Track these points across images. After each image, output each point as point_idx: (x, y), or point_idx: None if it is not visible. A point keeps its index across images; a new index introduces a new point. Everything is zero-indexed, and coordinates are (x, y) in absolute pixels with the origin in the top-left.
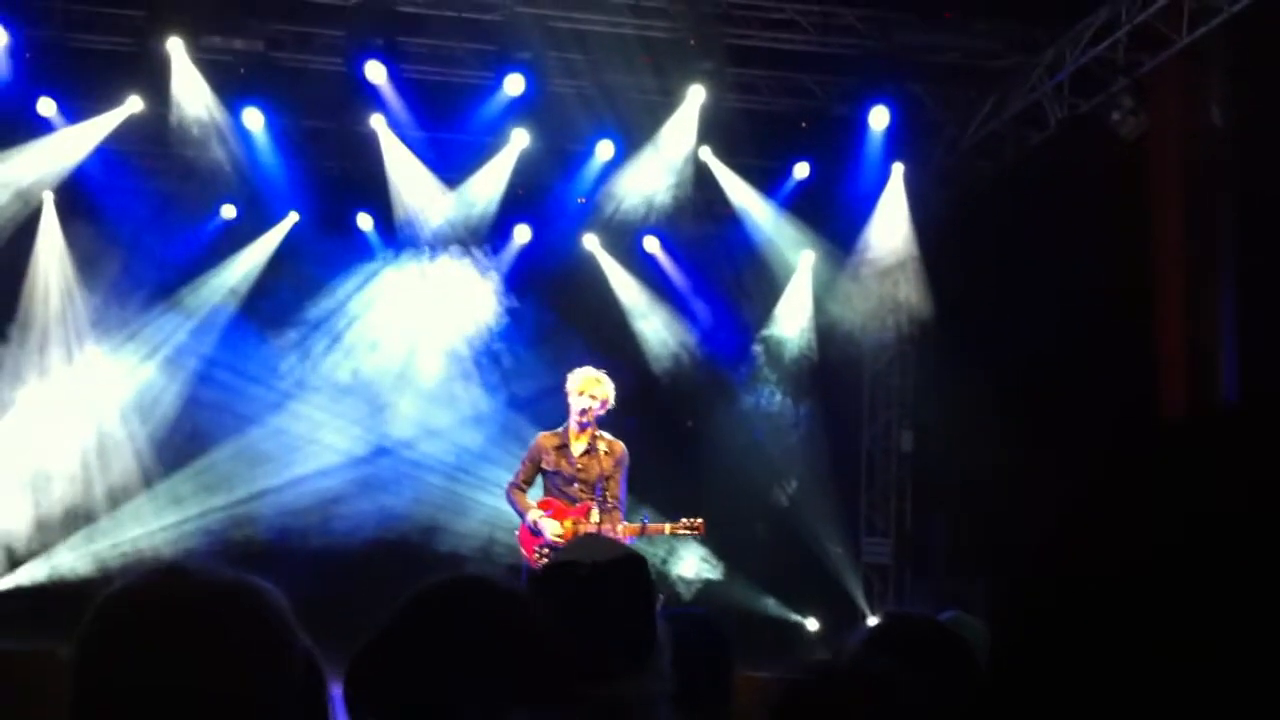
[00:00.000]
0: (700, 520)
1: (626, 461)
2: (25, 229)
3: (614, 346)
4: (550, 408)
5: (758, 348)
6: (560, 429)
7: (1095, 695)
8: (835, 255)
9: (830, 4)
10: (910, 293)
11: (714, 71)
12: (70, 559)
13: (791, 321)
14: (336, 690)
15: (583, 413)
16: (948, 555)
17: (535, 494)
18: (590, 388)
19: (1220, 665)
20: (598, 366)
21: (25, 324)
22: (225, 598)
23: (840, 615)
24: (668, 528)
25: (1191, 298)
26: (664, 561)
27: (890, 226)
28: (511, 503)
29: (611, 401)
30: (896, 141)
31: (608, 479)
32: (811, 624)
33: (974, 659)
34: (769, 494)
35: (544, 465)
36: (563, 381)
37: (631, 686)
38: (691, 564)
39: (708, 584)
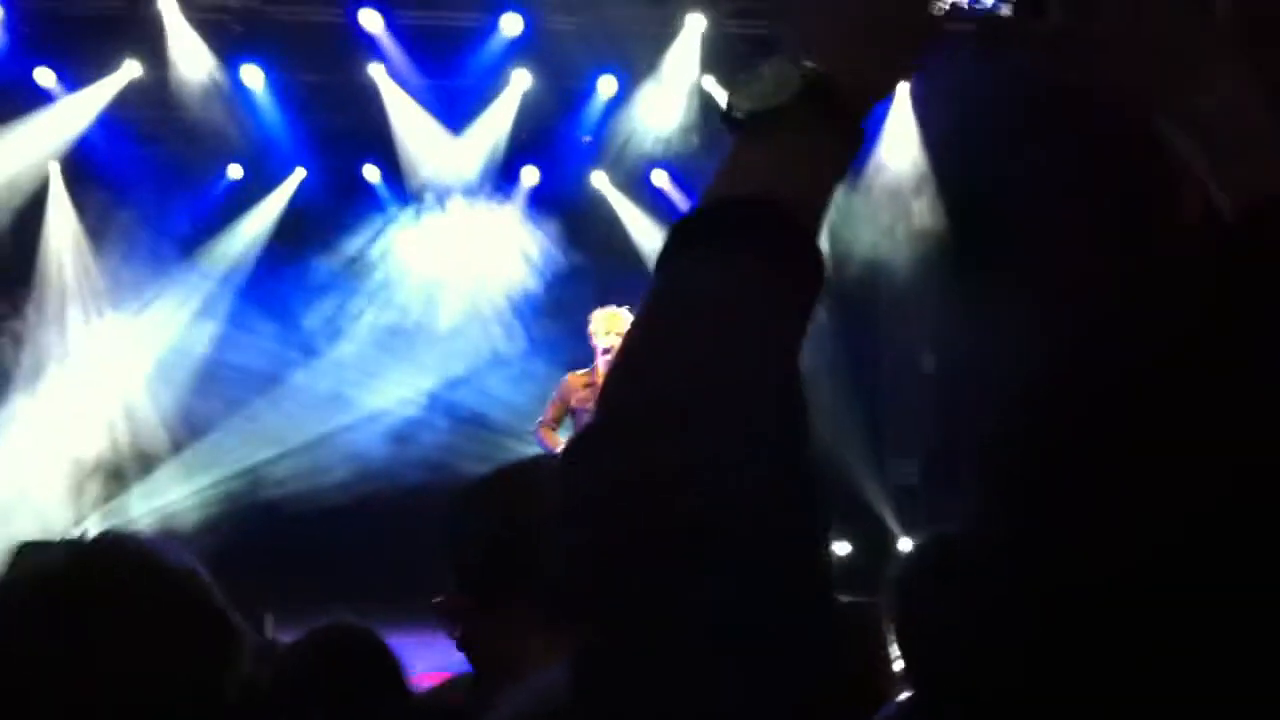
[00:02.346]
0: None
1: None
2: (34, 201)
3: (630, 284)
4: (570, 349)
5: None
6: (588, 369)
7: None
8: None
9: None
10: (924, 211)
11: None
12: (101, 528)
13: None
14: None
15: (607, 351)
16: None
17: (565, 436)
18: (615, 325)
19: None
20: (617, 304)
21: (41, 296)
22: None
23: (871, 538)
24: None
25: None
26: None
27: (900, 143)
28: (540, 442)
29: None
30: None
31: None
32: (842, 547)
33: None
34: None
35: (573, 403)
36: (583, 323)
37: None
38: None
39: None
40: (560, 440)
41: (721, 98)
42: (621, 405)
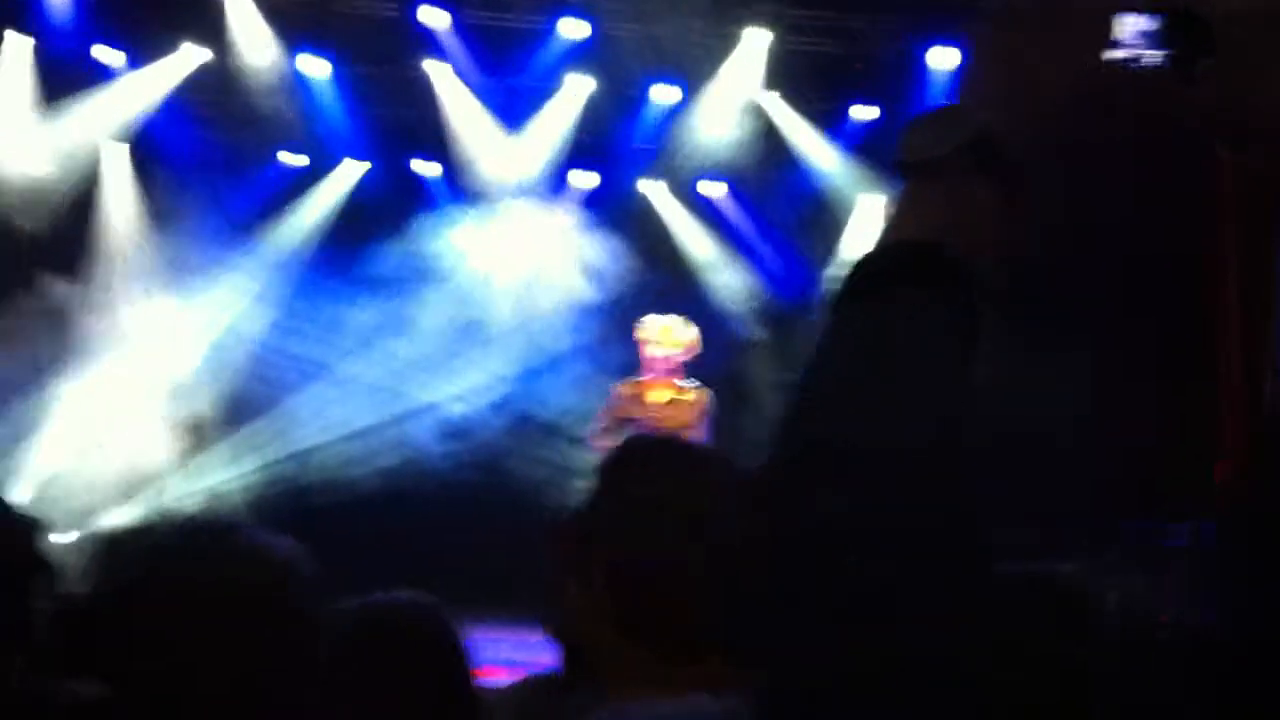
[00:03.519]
0: None
1: (712, 411)
2: (92, 178)
3: (680, 291)
4: (620, 353)
5: (822, 291)
6: (638, 378)
7: None
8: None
9: None
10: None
11: (775, 14)
12: (153, 506)
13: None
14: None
15: (655, 360)
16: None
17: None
18: (663, 336)
19: None
20: (665, 311)
21: (95, 276)
22: (238, 561)
23: None
24: None
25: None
26: None
27: None
28: (595, 450)
29: (694, 347)
30: (960, 81)
31: (688, 430)
32: None
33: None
34: None
35: (622, 414)
36: (630, 328)
37: None
38: None
39: None
40: None
41: (777, 110)
42: (798, 446)
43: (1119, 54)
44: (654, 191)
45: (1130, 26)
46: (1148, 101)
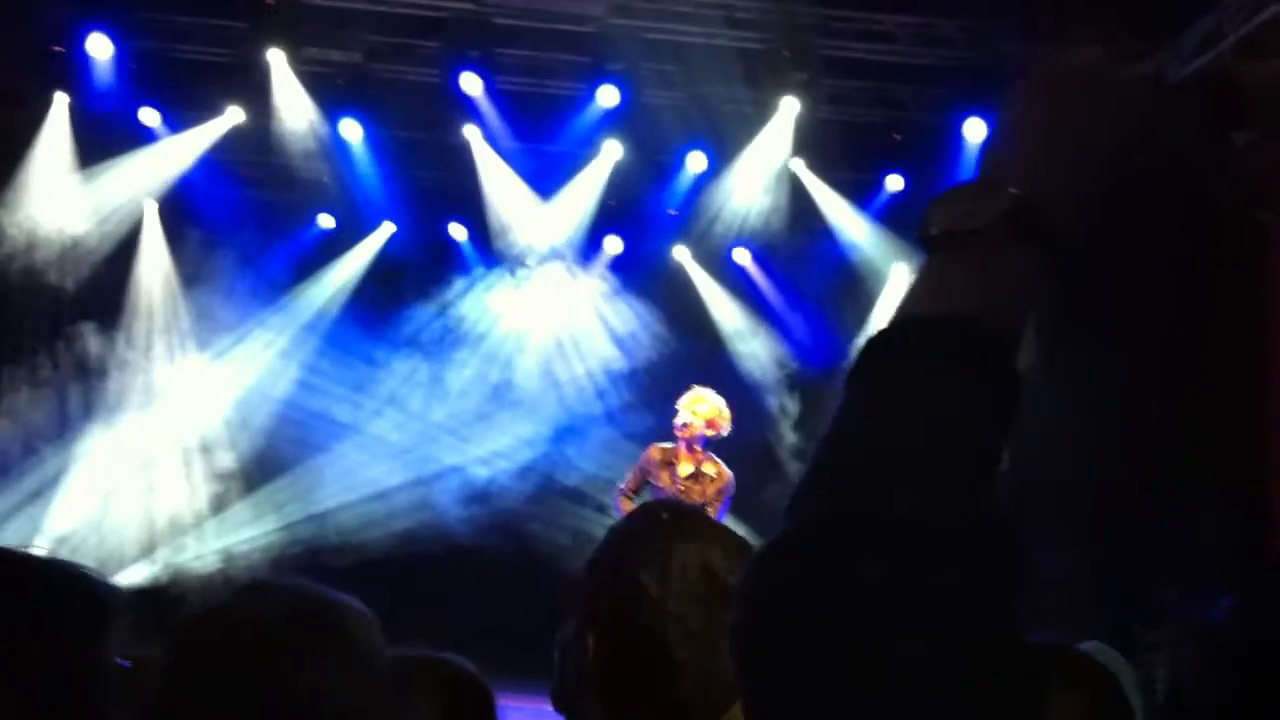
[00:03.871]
0: None
1: (730, 491)
2: (129, 237)
3: (706, 358)
4: (646, 420)
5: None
6: (671, 444)
7: None
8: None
9: (928, 15)
10: None
11: (808, 83)
12: (172, 564)
13: None
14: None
15: (682, 427)
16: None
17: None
18: (692, 405)
19: None
20: (693, 378)
21: (129, 331)
22: (307, 616)
23: None
24: None
25: None
26: None
27: None
28: (618, 510)
29: (721, 426)
30: None
31: (707, 506)
32: None
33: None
34: None
35: (649, 479)
36: (659, 393)
37: None
38: None
39: None
40: None
41: (809, 180)
42: (813, 519)
43: (1157, 130)
44: (683, 257)
45: (1165, 103)
46: (1186, 172)
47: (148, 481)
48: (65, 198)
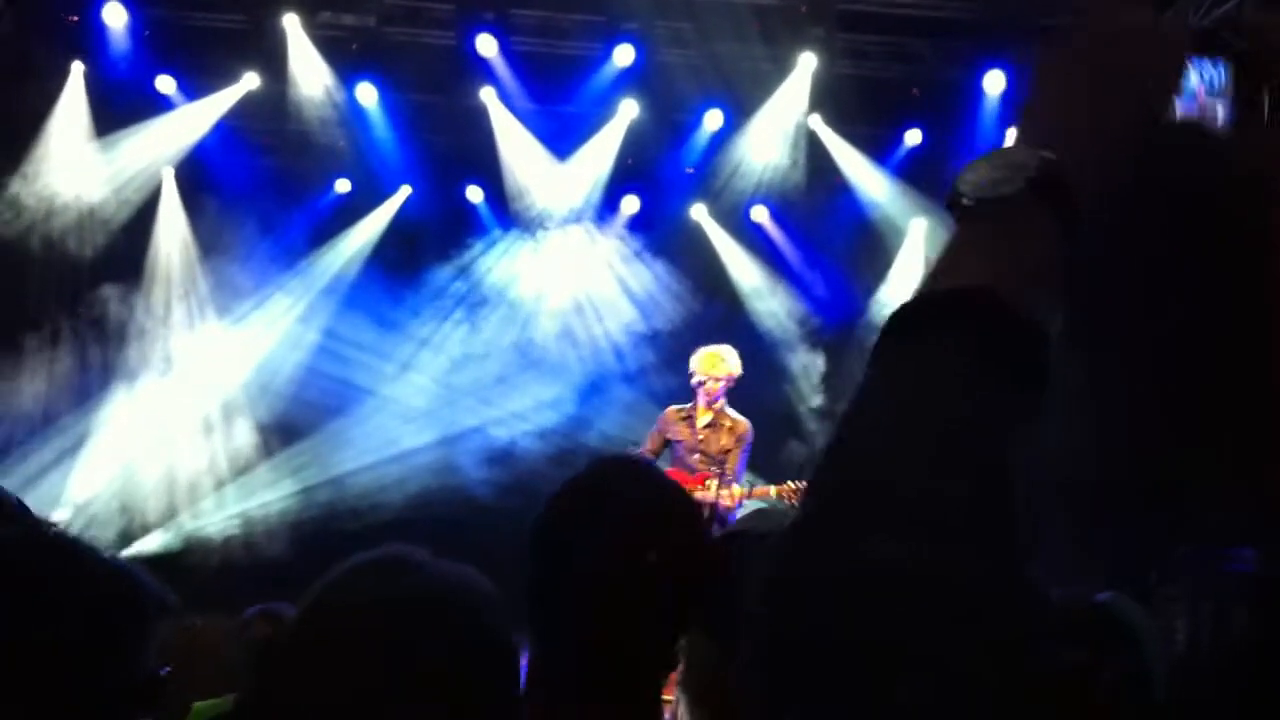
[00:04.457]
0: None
1: (749, 440)
2: (147, 205)
3: (726, 317)
4: (665, 379)
5: (870, 318)
6: (689, 404)
7: None
8: (948, 223)
9: None
10: None
11: (825, 38)
12: (192, 527)
13: (905, 291)
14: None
15: (698, 388)
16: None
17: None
18: (709, 368)
19: None
20: (712, 337)
21: (148, 298)
22: (441, 598)
23: None
24: (773, 490)
25: None
26: None
27: None
28: None
29: (736, 373)
30: (1012, 107)
31: (727, 453)
32: None
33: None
34: None
35: (668, 435)
36: (677, 353)
37: None
38: None
39: None
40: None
41: (827, 136)
42: (836, 496)
43: (1186, 105)
44: (701, 216)
45: (1196, 76)
46: (1212, 148)
47: (168, 447)
48: (82, 166)
